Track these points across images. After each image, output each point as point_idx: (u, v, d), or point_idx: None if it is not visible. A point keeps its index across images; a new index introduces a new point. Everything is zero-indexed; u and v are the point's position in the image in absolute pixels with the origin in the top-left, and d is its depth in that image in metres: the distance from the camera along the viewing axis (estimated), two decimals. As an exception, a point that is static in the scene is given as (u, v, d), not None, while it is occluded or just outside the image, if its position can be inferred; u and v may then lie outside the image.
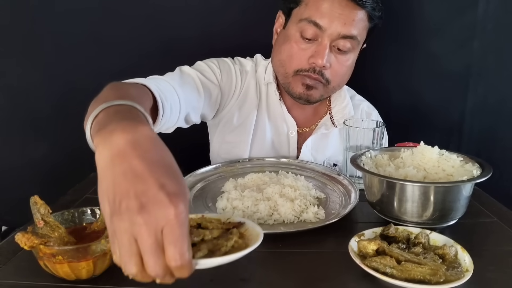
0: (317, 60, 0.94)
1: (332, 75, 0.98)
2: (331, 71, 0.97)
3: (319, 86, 0.99)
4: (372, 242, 0.61)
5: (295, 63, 0.97)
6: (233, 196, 0.81)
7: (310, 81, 0.98)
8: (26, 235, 0.55)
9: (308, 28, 0.93)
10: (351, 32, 0.93)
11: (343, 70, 0.99)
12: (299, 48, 0.96)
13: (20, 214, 0.75)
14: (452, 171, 0.74)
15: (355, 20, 0.92)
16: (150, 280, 0.44)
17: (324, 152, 1.10)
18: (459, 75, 1.31)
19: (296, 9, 0.96)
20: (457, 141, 1.36)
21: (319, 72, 0.96)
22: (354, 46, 0.96)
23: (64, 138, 1.38)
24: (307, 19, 0.93)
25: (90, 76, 1.34)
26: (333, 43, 0.94)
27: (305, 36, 0.94)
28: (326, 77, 0.97)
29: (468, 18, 1.25)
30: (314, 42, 0.95)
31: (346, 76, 1.02)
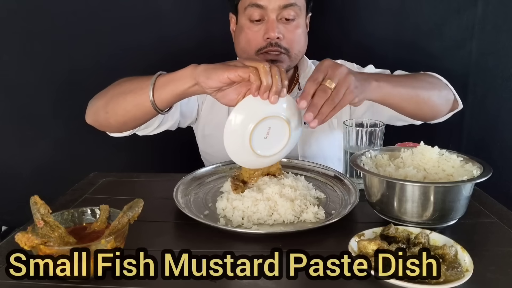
0: (269, 34, 1.02)
1: (289, 43, 1.05)
2: (286, 40, 1.05)
3: (282, 58, 1.06)
4: (372, 242, 0.61)
5: (253, 45, 1.05)
6: (233, 196, 0.80)
7: (272, 56, 1.05)
8: (26, 235, 0.55)
9: (254, 12, 1.03)
10: (289, 1, 1.02)
11: (296, 36, 1.06)
12: (252, 31, 1.05)
13: (20, 214, 0.75)
14: (452, 171, 0.74)
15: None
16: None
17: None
18: (458, 75, 1.31)
19: (239, 3, 1.07)
20: (457, 141, 1.36)
21: (276, 44, 1.04)
22: (297, 12, 1.04)
23: (64, 138, 1.38)
24: (250, 4, 1.03)
25: (90, 76, 1.34)
26: (278, 16, 1.03)
27: (254, 19, 1.04)
28: (284, 46, 1.05)
29: (467, 18, 1.25)
30: (263, 22, 1.04)
31: (302, 41, 1.09)
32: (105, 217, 0.65)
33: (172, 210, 0.79)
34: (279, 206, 0.77)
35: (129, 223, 0.62)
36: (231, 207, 0.78)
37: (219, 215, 0.78)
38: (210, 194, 0.87)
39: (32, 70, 1.32)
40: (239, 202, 0.78)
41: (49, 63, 1.32)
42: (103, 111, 0.94)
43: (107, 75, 1.34)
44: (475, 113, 1.32)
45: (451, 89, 1.04)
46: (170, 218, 0.78)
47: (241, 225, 0.74)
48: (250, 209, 0.77)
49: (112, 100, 0.92)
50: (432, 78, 1.03)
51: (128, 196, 0.70)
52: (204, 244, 0.69)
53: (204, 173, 0.96)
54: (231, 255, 0.65)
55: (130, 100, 0.88)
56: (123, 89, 0.90)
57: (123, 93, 0.90)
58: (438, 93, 0.99)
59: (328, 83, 0.75)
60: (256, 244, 0.69)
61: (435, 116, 1.05)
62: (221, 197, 0.83)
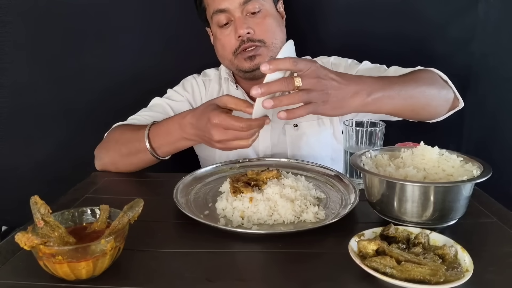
0: (238, 31, 1.03)
1: (262, 34, 1.05)
2: (257, 32, 1.05)
3: (260, 51, 1.06)
4: (372, 242, 0.61)
5: (228, 48, 1.07)
6: (233, 196, 0.80)
7: (249, 51, 1.06)
8: (26, 235, 0.55)
9: (220, 17, 1.05)
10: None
11: (267, 26, 1.06)
12: (224, 35, 1.07)
13: (20, 214, 0.75)
14: (452, 171, 0.74)
15: None
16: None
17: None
18: (459, 76, 1.30)
19: (206, 14, 1.10)
20: (457, 141, 1.36)
21: (249, 40, 1.05)
22: (261, 3, 1.05)
23: (64, 138, 1.38)
24: (214, 11, 1.06)
25: (93, 76, 1.34)
26: (243, 12, 1.04)
27: (222, 23, 1.06)
28: (257, 39, 1.05)
29: (469, 20, 1.25)
30: (231, 23, 1.06)
31: (277, 30, 1.08)
32: (105, 217, 0.65)
33: (172, 210, 0.79)
34: (279, 207, 0.77)
35: (129, 223, 0.62)
36: (231, 207, 0.78)
37: (219, 215, 0.78)
38: (210, 194, 0.87)
39: (33, 70, 1.32)
40: (239, 202, 0.78)
41: (50, 63, 1.32)
42: (112, 167, 1.05)
43: (109, 76, 1.35)
44: (475, 113, 1.32)
45: (451, 86, 1.01)
46: (170, 218, 0.78)
47: (241, 225, 0.74)
48: (250, 209, 0.77)
49: (118, 161, 1.03)
50: (430, 77, 0.99)
51: (128, 196, 0.70)
52: (204, 244, 0.69)
53: (204, 173, 0.96)
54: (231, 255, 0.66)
55: (136, 161, 1.01)
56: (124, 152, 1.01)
57: (126, 155, 1.01)
58: (437, 94, 0.97)
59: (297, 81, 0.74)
60: (256, 244, 0.69)
61: (434, 117, 1.04)
62: (221, 197, 0.83)
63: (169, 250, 0.67)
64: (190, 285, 0.58)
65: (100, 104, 1.36)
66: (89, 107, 1.36)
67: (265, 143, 1.14)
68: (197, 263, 0.63)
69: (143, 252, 0.66)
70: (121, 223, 0.61)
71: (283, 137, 1.14)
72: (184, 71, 1.31)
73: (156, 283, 0.58)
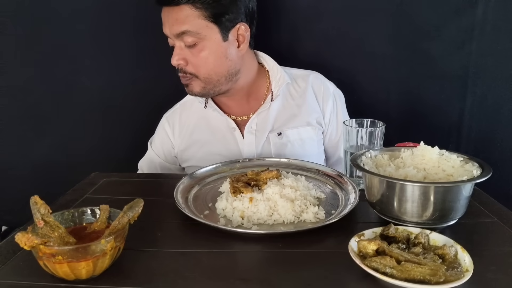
0: (172, 61, 1.05)
1: (195, 68, 1.06)
2: (191, 65, 1.05)
3: (192, 81, 1.08)
4: (372, 242, 0.61)
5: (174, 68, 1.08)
6: (233, 196, 0.80)
7: (183, 80, 1.08)
8: (26, 235, 0.55)
9: (168, 39, 1.06)
10: (180, 29, 1.01)
11: (202, 61, 1.05)
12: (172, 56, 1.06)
13: (20, 214, 0.75)
14: (452, 171, 0.74)
15: (178, 19, 1.01)
16: None
17: (265, 127, 1.15)
18: (457, 76, 1.31)
19: None
20: (456, 142, 1.36)
21: (181, 70, 1.06)
22: (197, 37, 1.02)
23: (65, 138, 1.38)
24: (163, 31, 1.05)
25: (91, 76, 1.34)
26: (181, 42, 1.03)
27: (170, 45, 1.07)
28: (189, 71, 1.06)
29: (467, 20, 1.25)
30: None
31: (212, 64, 1.06)
32: (105, 217, 0.65)
33: (172, 210, 0.79)
34: (279, 207, 0.77)
35: (129, 223, 0.62)
36: (231, 207, 0.78)
37: (219, 215, 0.78)
38: (210, 194, 0.87)
39: (33, 70, 1.32)
40: (239, 202, 0.78)
41: (50, 63, 1.32)
42: None
43: (108, 76, 1.35)
44: (475, 113, 1.32)
45: None
46: (170, 218, 0.78)
47: (241, 225, 0.74)
48: (250, 209, 0.77)
49: None
50: None
51: (128, 196, 0.70)
52: (204, 244, 0.69)
53: (204, 173, 0.96)
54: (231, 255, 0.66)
55: None
56: None
57: None
58: None
59: None
60: (256, 244, 0.69)
61: None
62: (221, 197, 0.83)
63: (169, 250, 0.67)
64: (190, 285, 0.58)
65: (98, 104, 1.36)
66: (87, 107, 1.36)
67: (250, 152, 1.14)
68: (197, 263, 0.63)
69: (143, 252, 0.66)
70: (121, 223, 0.61)
71: (267, 146, 1.14)
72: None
73: (156, 283, 0.58)
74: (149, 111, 1.36)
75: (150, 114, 1.33)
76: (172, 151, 1.22)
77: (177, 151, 1.21)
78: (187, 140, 1.19)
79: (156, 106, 1.29)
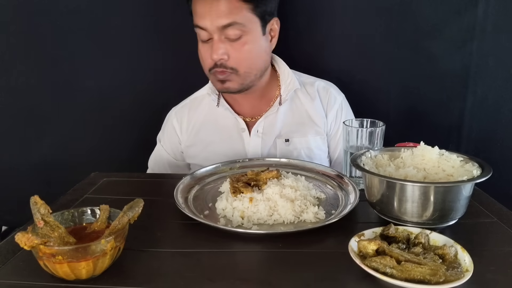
0: (212, 56, 1.02)
1: (236, 63, 1.03)
2: (232, 59, 1.02)
3: (231, 77, 1.05)
4: (372, 242, 0.61)
5: (205, 64, 1.06)
6: (233, 196, 0.80)
7: (220, 75, 1.05)
8: (26, 235, 0.55)
9: (200, 32, 1.03)
10: (228, 21, 0.98)
11: (244, 55, 1.03)
12: (204, 50, 1.05)
13: (20, 214, 0.75)
14: (452, 171, 0.74)
15: (226, 10, 0.98)
16: None
17: (273, 131, 1.14)
18: (458, 76, 1.31)
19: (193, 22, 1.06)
20: (457, 141, 1.36)
21: (222, 65, 1.03)
22: (242, 29, 1.00)
23: (65, 138, 1.38)
24: (195, 25, 1.03)
25: (91, 76, 1.34)
26: (222, 35, 1.00)
27: (203, 39, 1.03)
28: (230, 66, 1.03)
29: (468, 20, 1.25)
30: (210, 41, 1.02)
31: (254, 58, 1.05)
32: (105, 217, 0.65)
33: (172, 210, 0.79)
34: (279, 207, 0.77)
35: (129, 223, 0.62)
36: (231, 207, 0.78)
37: (219, 215, 0.78)
38: (210, 194, 0.87)
39: (33, 70, 1.32)
40: (239, 202, 0.78)
41: (50, 63, 1.32)
42: None
43: (108, 76, 1.35)
44: (475, 113, 1.32)
45: None
46: (170, 218, 0.78)
47: (241, 225, 0.74)
48: (250, 209, 0.77)
49: None
50: None
51: (128, 196, 0.70)
52: (204, 244, 0.69)
53: (204, 173, 0.96)
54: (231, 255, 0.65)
55: None
56: None
57: None
58: None
59: None
60: (256, 244, 0.69)
61: None
62: (221, 197, 0.83)
63: (169, 250, 0.67)
64: (190, 285, 0.58)
65: (97, 104, 1.36)
66: (87, 107, 1.36)
67: (255, 155, 1.13)
68: (197, 263, 0.63)
69: (143, 252, 0.66)
70: (121, 223, 0.61)
71: (273, 151, 1.13)
72: (181, 72, 1.31)
73: (156, 283, 0.58)
74: (149, 111, 1.36)
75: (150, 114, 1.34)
76: (179, 146, 1.21)
77: (183, 147, 1.20)
78: (192, 138, 1.18)
79: (156, 106, 1.29)
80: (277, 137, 1.13)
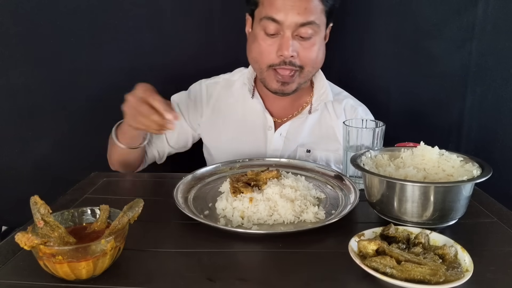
0: (283, 52, 0.99)
1: (303, 61, 1.03)
2: (300, 58, 1.02)
3: (294, 78, 1.05)
4: (372, 242, 0.61)
5: (266, 58, 1.03)
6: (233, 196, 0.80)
7: (284, 77, 1.03)
8: (26, 235, 0.55)
9: (269, 25, 0.99)
10: (307, 19, 0.98)
11: (312, 54, 1.03)
12: (266, 44, 1.02)
13: (20, 214, 0.75)
14: (452, 171, 0.74)
15: (307, 8, 0.98)
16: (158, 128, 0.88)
17: (297, 139, 1.13)
18: (458, 75, 1.31)
19: (256, 10, 1.03)
20: (456, 141, 1.36)
21: (290, 63, 1.01)
22: (315, 30, 1.01)
23: (65, 138, 1.38)
24: (266, 17, 0.99)
25: (90, 76, 1.34)
26: (294, 32, 0.99)
27: (269, 32, 1.00)
28: (298, 64, 1.02)
29: (467, 19, 1.26)
30: (278, 36, 1.00)
31: (318, 58, 1.06)
32: (105, 217, 0.65)
33: (172, 210, 0.79)
34: (279, 207, 0.77)
35: (129, 223, 0.62)
36: (231, 207, 0.78)
37: (219, 215, 0.78)
38: (210, 194, 0.87)
39: (33, 70, 1.32)
40: (239, 202, 0.78)
41: (50, 63, 1.32)
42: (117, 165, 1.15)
43: (105, 75, 1.35)
44: (475, 113, 1.32)
45: None
46: (170, 218, 0.78)
47: (241, 225, 0.74)
48: (250, 209, 0.77)
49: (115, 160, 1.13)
50: None
51: (128, 196, 0.70)
52: (204, 244, 0.69)
53: (204, 173, 0.96)
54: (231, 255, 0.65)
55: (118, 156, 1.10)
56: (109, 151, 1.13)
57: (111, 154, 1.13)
58: None
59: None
60: (256, 244, 0.69)
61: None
62: (221, 197, 0.83)
63: (169, 250, 0.67)
64: (190, 285, 0.58)
65: (97, 103, 1.36)
66: (86, 107, 1.36)
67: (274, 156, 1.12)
68: (197, 263, 0.63)
69: (143, 252, 0.66)
70: (121, 223, 0.61)
71: (292, 157, 1.12)
72: (179, 71, 1.31)
73: (156, 283, 0.58)
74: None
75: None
76: (198, 118, 1.18)
77: (203, 120, 1.18)
78: (215, 118, 1.16)
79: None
80: (300, 146, 1.13)
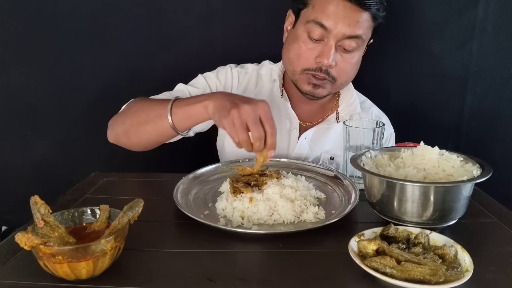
0: (323, 60, 0.98)
1: (338, 73, 1.02)
2: (337, 69, 1.01)
3: (326, 85, 1.03)
4: (372, 242, 0.61)
5: (302, 62, 1.01)
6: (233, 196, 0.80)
7: (317, 81, 1.02)
8: (26, 235, 0.55)
9: (315, 29, 0.97)
10: (355, 32, 0.96)
11: (349, 68, 1.03)
12: (307, 48, 1.00)
13: (20, 214, 0.75)
14: (452, 171, 0.74)
15: (359, 22, 0.96)
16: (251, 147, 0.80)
17: (322, 145, 1.13)
18: (458, 76, 1.31)
19: (304, 10, 1.00)
20: (456, 141, 1.36)
21: (326, 71, 1.01)
22: (359, 44, 1.00)
23: (65, 138, 1.38)
24: (314, 20, 0.97)
25: (90, 76, 1.34)
26: (338, 43, 0.98)
27: (312, 36, 0.98)
28: (332, 75, 1.02)
29: (468, 19, 1.26)
30: (321, 42, 0.99)
31: (352, 72, 1.06)
32: (105, 217, 0.65)
33: (172, 210, 0.79)
34: (279, 207, 0.77)
35: (129, 223, 0.62)
36: (231, 207, 0.78)
37: (219, 215, 0.78)
38: (210, 194, 0.87)
39: (33, 70, 1.32)
40: (239, 202, 0.78)
41: (50, 64, 1.32)
42: (124, 137, 1.02)
43: (105, 75, 1.35)
44: (475, 113, 1.32)
45: None
46: (170, 218, 0.78)
47: (241, 225, 0.74)
48: (250, 209, 0.77)
49: (132, 129, 0.99)
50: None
51: (128, 196, 0.70)
52: (204, 244, 0.69)
53: (204, 173, 0.96)
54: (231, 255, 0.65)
55: (151, 130, 0.96)
56: (142, 118, 0.97)
57: (143, 122, 0.96)
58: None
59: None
60: (256, 244, 0.69)
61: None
62: (221, 197, 0.83)
63: (169, 250, 0.67)
64: (190, 285, 0.58)
65: (97, 103, 1.36)
66: (86, 107, 1.36)
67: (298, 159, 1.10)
68: (197, 263, 0.63)
69: (143, 252, 0.66)
70: (121, 223, 0.61)
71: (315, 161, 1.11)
72: (179, 71, 1.31)
73: (156, 283, 0.58)
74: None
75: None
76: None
77: None
78: None
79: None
80: (324, 152, 1.13)
